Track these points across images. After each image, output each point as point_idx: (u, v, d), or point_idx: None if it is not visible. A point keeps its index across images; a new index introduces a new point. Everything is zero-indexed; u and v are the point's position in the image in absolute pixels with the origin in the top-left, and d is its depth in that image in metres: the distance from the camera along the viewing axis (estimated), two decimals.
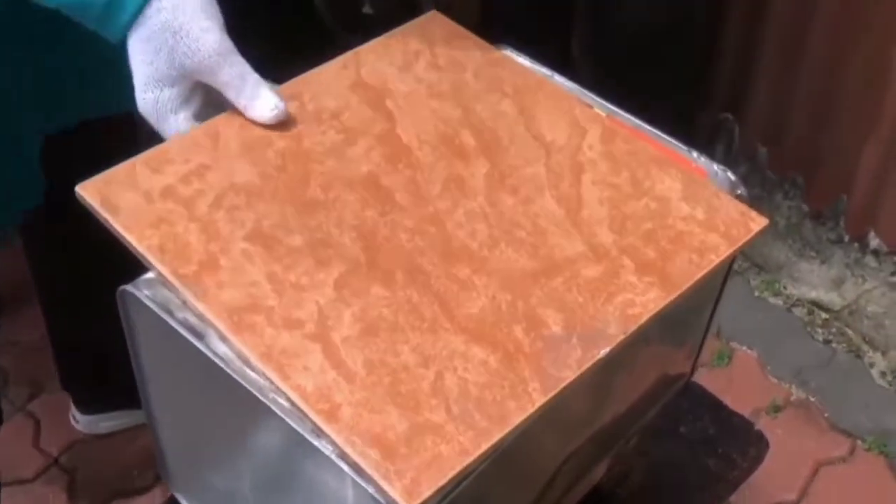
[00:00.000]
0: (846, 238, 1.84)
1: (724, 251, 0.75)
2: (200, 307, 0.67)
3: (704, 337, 0.97)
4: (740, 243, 0.76)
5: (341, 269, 0.70)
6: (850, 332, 1.77)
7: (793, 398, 1.67)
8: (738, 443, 1.17)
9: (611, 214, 0.76)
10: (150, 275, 0.70)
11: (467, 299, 0.69)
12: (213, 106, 0.79)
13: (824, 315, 1.79)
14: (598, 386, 0.79)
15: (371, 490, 0.60)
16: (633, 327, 0.69)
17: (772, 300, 1.82)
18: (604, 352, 0.68)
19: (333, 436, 0.61)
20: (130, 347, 0.75)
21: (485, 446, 0.62)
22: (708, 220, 0.77)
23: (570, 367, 0.66)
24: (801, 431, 1.62)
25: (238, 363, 0.65)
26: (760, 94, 1.85)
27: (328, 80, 0.84)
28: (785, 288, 1.83)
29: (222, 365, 0.65)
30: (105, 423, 1.57)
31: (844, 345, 1.75)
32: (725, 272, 0.91)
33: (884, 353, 1.73)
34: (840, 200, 1.81)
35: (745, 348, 1.74)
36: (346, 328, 0.67)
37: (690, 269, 0.73)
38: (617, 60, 1.59)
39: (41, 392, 1.66)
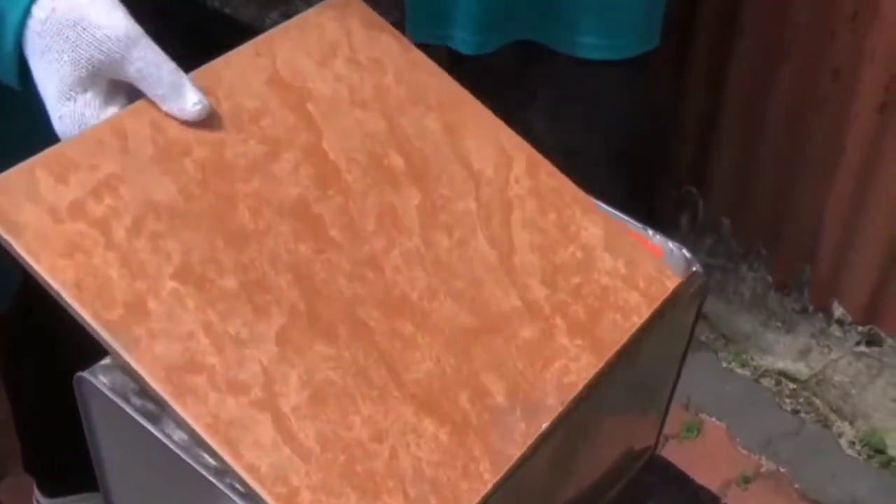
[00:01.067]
0: (811, 308, 1.85)
1: (645, 312, 0.76)
2: (132, 363, 0.62)
3: (667, 409, 0.98)
4: (658, 303, 0.77)
5: (281, 320, 0.67)
6: (817, 401, 1.78)
7: (763, 469, 1.67)
8: None
9: (541, 265, 0.76)
10: (106, 361, 0.69)
11: (412, 362, 0.68)
12: None
13: (792, 385, 1.80)
14: (558, 460, 0.79)
15: None
16: (569, 397, 0.69)
17: (739, 371, 1.83)
18: (545, 425, 0.68)
19: None
20: (88, 434, 0.74)
21: None
22: (629, 275, 0.77)
23: (517, 443, 0.66)
24: (771, 502, 1.62)
25: (195, 449, 0.65)
26: (722, 167, 1.88)
27: (242, 71, 0.77)
28: (752, 359, 1.84)
29: (180, 452, 0.64)
30: None
31: (813, 415, 1.76)
32: (685, 345, 0.92)
33: (851, 423, 1.74)
34: (804, 272, 1.84)
35: (714, 419, 1.74)
36: (293, 394, 0.64)
37: (616, 333, 0.74)
38: (580, 137, 1.61)
39: (5, 475, 1.64)
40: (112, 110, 0.70)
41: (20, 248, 0.64)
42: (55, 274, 0.63)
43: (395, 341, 0.69)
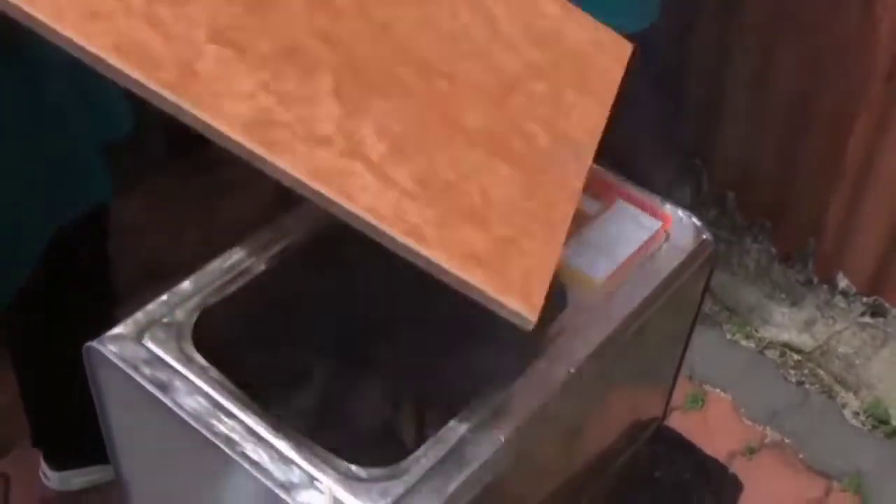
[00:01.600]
0: (815, 280, 1.85)
1: (619, 72, 0.83)
2: (206, 118, 0.58)
3: (675, 379, 0.98)
4: (625, 64, 0.84)
5: (329, 79, 0.65)
6: (822, 372, 1.78)
7: (767, 440, 1.67)
8: (713, 487, 1.17)
9: (524, 34, 0.79)
10: (115, 330, 0.69)
11: (461, 114, 0.69)
12: None
13: (796, 356, 1.80)
14: (571, 429, 0.79)
15: None
16: (596, 140, 0.75)
17: (744, 343, 1.83)
18: (588, 162, 0.73)
19: (432, 258, 0.59)
20: (97, 404, 0.75)
21: (558, 249, 0.65)
22: (595, 40, 0.83)
23: (576, 177, 0.71)
24: (776, 473, 1.62)
25: (206, 417, 0.65)
26: (727, 140, 1.87)
27: None
28: (756, 330, 1.84)
29: (189, 419, 0.65)
30: (77, 479, 1.55)
31: (817, 386, 1.76)
32: (694, 313, 0.92)
33: (856, 393, 1.74)
34: (808, 243, 1.83)
35: (718, 391, 1.74)
36: (375, 144, 0.63)
37: (605, 86, 0.79)
38: None
39: (12, 448, 1.64)
40: None
41: (40, 15, 0.56)
42: (90, 39, 0.57)
43: (439, 96, 0.69)
